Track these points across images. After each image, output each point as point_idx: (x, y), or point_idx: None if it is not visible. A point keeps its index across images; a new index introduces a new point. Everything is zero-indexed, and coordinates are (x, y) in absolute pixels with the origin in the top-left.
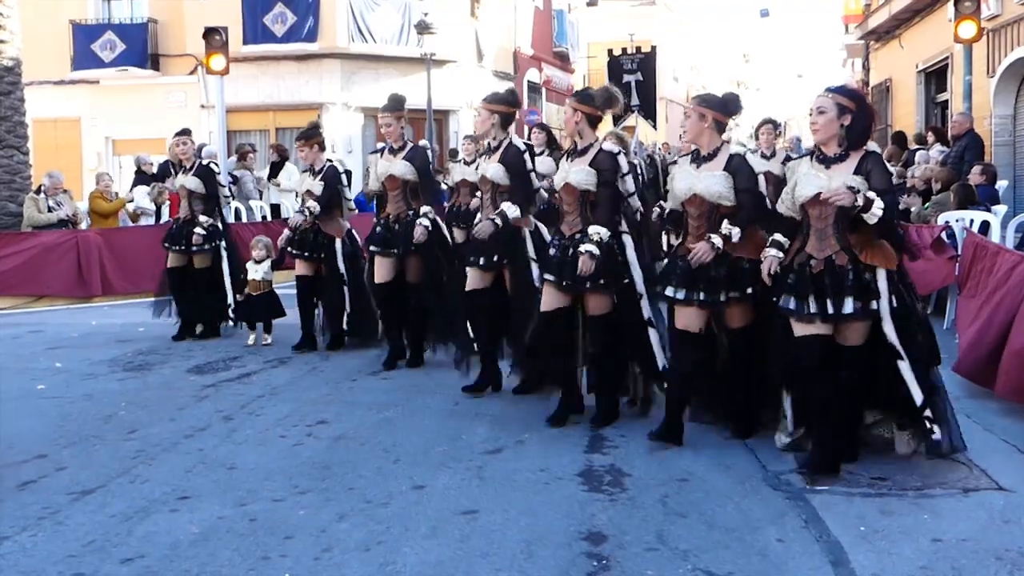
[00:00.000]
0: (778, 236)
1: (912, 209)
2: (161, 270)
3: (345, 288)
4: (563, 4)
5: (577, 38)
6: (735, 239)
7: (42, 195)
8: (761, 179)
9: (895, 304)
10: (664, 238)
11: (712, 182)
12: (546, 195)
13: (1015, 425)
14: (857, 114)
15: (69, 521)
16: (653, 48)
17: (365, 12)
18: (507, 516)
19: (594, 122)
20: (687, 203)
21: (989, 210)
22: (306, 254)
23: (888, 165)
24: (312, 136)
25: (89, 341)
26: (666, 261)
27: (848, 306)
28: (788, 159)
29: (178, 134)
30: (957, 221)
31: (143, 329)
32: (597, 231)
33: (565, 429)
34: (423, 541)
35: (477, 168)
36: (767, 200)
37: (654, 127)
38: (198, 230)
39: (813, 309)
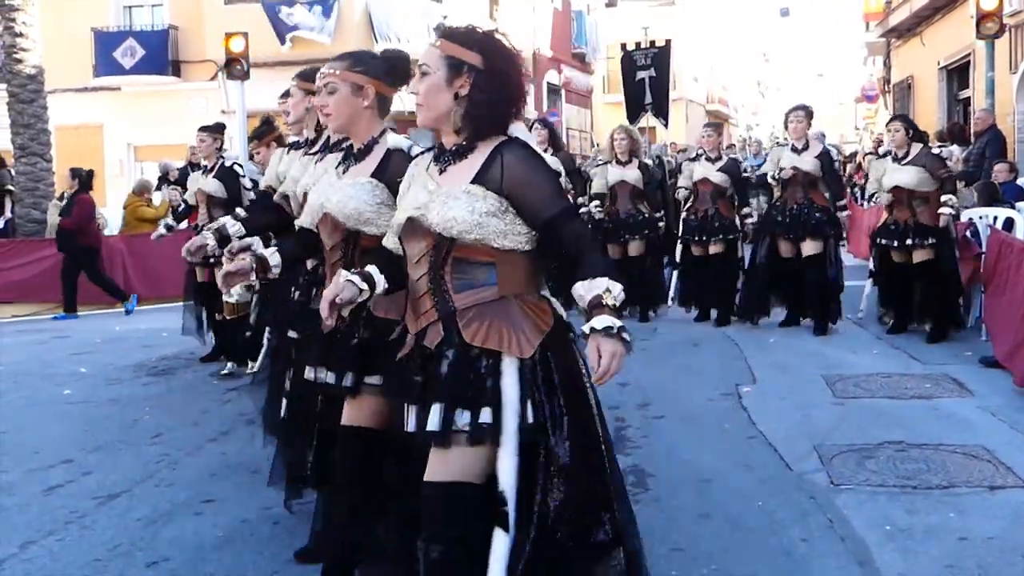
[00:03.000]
0: None
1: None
2: (184, 279)
3: None
4: (582, 5)
5: (596, 39)
6: None
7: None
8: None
9: None
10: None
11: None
12: None
13: None
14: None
15: (95, 525)
16: (668, 42)
17: (384, 15)
18: None
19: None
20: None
21: (1013, 207)
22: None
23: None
24: (266, 134)
25: (113, 346)
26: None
27: None
28: (826, 154)
29: (203, 129)
30: (981, 218)
31: (166, 334)
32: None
33: None
34: None
35: None
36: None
37: (665, 126)
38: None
39: None
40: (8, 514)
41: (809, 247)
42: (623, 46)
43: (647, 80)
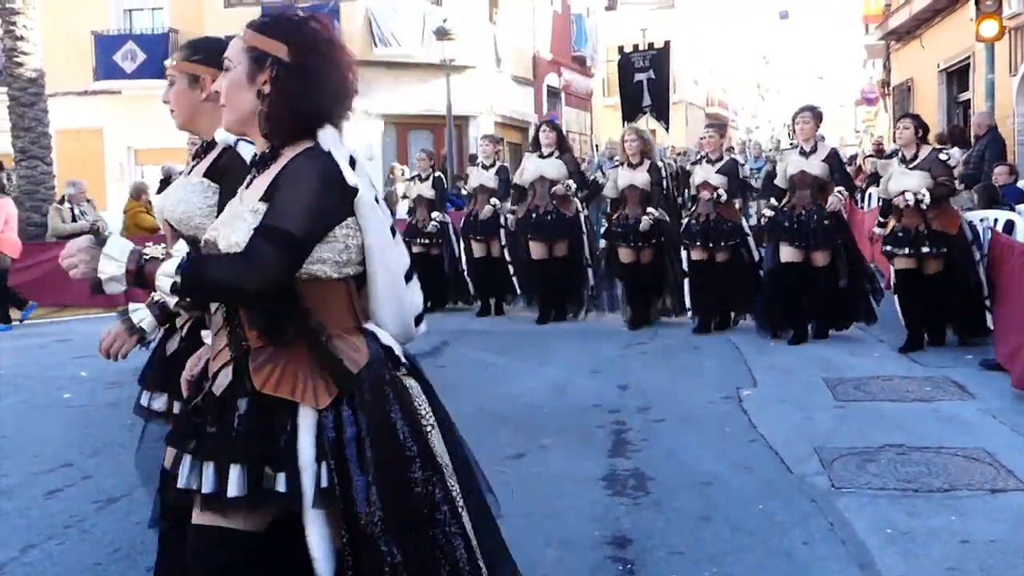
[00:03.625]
0: None
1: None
2: None
3: None
4: (582, 8)
5: (596, 42)
6: None
7: (66, 205)
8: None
9: None
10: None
11: None
12: None
13: None
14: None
15: (95, 529)
16: (666, 43)
17: (384, 19)
18: (531, 521)
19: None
20: None
21: (1013, 209)
22: None
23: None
24: None
25: None
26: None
27: None
28: (835, 155)
29: None
30: (981, 221)
31: None
32: None
33: (589, 432)
34: None
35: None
36: None
37: (666, 130)
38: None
39: None
40: (8, 518)
41: (820, 259)
42: (620, 48)
43: (645, 82)
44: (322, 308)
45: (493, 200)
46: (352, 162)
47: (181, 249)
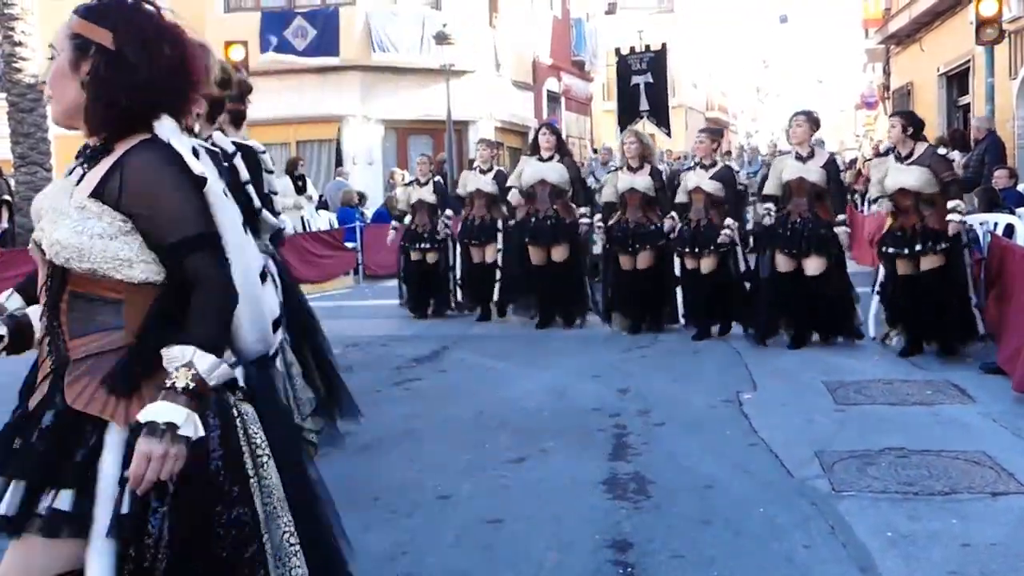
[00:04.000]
0: None
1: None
2: None
3: None
4: (581, 13)
5: (596, 46)
6: None
7: None
8: None
9: None
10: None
11: None
12: None
13: None
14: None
15: None
16: (663, 46)
17: (384, 24)
18: (532, 524)
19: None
20: None
21: (1014, 213)
22: None
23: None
24: None
25: None
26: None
27: None
28: (833, 163)
29: None
30: (981, 224)
31: None
32: None
33: (589, 436)
34: (448, 550)
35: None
36: None
37: (667, 134)
38: None
39: None
40: None
41: (813, 266)
42: (617, 51)
43: (642, 85)
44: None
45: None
46: (195, 153)
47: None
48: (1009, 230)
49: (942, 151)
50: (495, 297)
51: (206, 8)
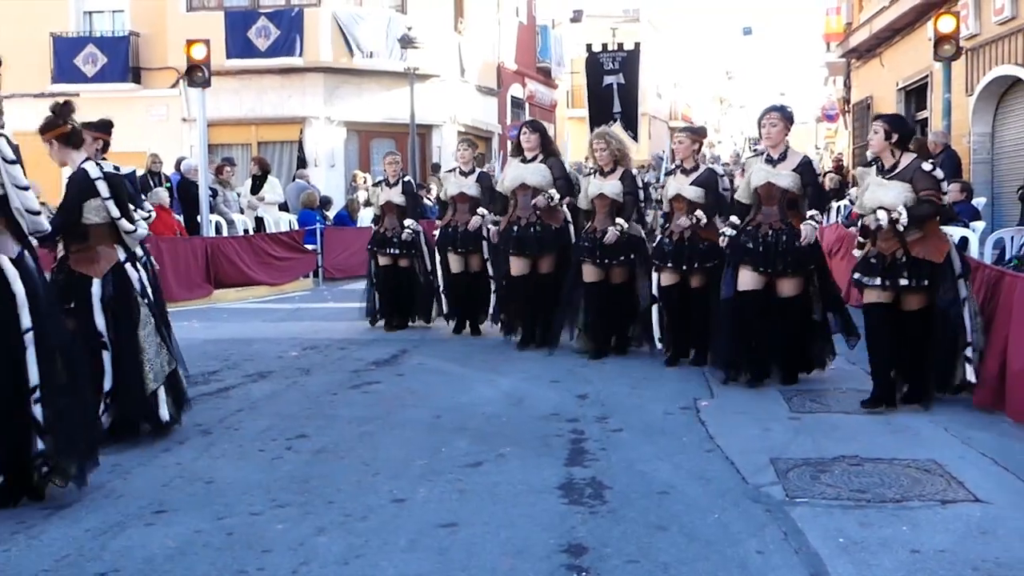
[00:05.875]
0: None
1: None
2: None
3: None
4: (547, 20)
5: (561, 53)
6: None
7: None
8: None
9: None
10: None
11: None
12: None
13: (992, 438)
14: None
15: (43, 536)
16: (637, 45)
17: (349, 26)
18: (487, 529)
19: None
20: None
21: (968, 226)
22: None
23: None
24: (49, 128)
25: None
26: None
27: None
28: (807, 164)
29: (87, 125)
30: None
31: None
32: None
33: (547, 441)
34: (402, 554)
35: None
36: None
37: (635, 139)
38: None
39: None
40: None
41: (787, 287)
42: (588, 47)
43: (615, 86)
44: None
45: (480, 210)
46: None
47: None
48: (963, 243)
49: (928, 166)
50: (490, 309)
51: (168, 6)
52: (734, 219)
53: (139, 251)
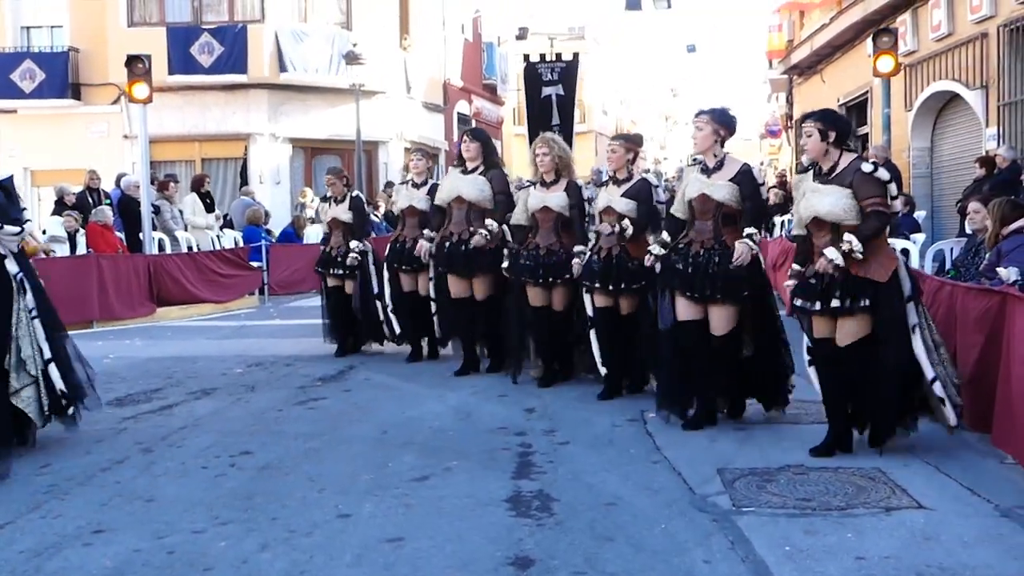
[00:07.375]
0: None
1: None
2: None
3: None
4: (493, 37)
5: (507, 70)
6: None
7: None
8: None
9: None
10: None
11: None
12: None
13: (936, 445)
14: None
15: None
16: (575, 56)
17: (293, 42)
18: (433, 543)
19: None
20: None
21: (908, 238)
22: None
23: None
24: None
25: None
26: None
27: None
28: (747, 173)
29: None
30: None
31: None
32: None
33: (494, 454)
34: (347, 570)
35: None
36: None
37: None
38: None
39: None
40: None
41: (718, 317)
42: (526, 57)
43: (553, 97)
44: None
45: (427, 232)
46: None
47: None
48: (904, 254)
49: (868, 167)
50: (437, 333)
51: (108, 21)
52: (664, 236)
53: (13, 267)
